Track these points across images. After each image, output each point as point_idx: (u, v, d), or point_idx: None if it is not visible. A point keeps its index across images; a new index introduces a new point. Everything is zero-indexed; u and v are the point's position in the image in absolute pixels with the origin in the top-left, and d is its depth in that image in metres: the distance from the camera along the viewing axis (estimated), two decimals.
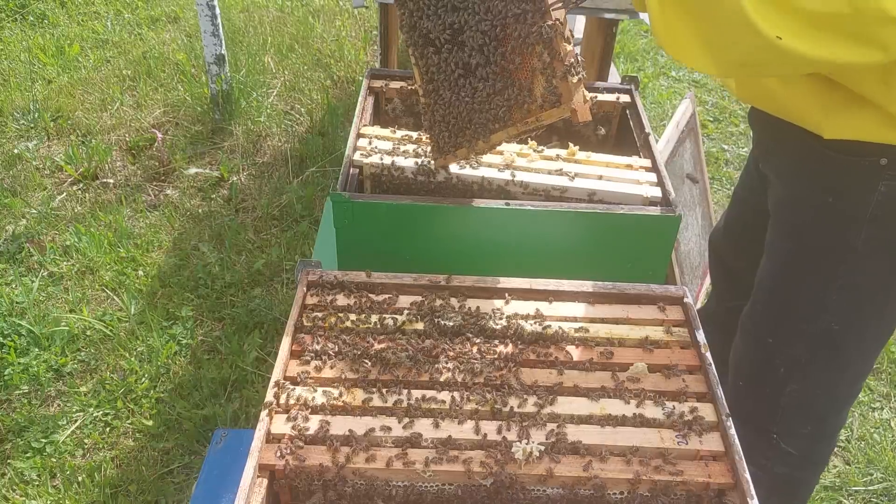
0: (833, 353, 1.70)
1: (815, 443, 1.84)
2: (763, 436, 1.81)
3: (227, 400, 2.63)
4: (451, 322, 1.49)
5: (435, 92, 1.75)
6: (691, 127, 3.06)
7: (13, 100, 4.17)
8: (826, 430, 1.84)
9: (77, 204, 3.51)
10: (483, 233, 1.78)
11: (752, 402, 1.82)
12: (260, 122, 4.04)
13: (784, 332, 1.72)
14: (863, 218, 1.53)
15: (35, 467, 2.41)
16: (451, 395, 1.35)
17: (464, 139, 1.73)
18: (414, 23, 1.74)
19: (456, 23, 1.66)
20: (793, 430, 1.80)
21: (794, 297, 1.69)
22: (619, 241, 1.80)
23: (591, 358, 1.44)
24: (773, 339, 1.74)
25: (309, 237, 3.32)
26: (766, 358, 1.77)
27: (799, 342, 1.70)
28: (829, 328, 1.66)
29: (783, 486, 1.88)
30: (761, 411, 1.81)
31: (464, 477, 1.24)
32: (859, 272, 1.60)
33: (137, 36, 4.91)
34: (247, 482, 1.19)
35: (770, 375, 1.76)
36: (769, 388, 1.78)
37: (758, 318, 1.78)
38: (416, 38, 1.74)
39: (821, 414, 1.79)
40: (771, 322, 1.74)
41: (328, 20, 5.11)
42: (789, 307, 1.71)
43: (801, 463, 1.84)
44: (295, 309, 1.51)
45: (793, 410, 1.78)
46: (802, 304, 1.68)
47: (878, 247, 1.56)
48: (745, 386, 1.84)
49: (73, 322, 2.86)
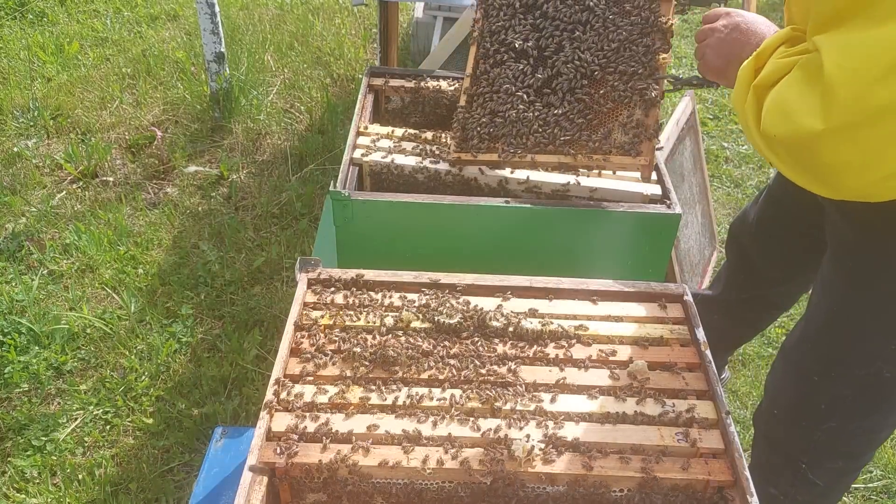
0: (881, 398, 1.66)
1: (843, 476, 1.82)
2: (791, 464, 1.77)
3: (227, 398, 2.63)
4: (451, 320, 1.49)
5: (491, 85, 1.81)
6: (691, 125, 3.06)
7: (13, 98, 4.17)
8: (857, 465, 1.81)
9: (77, 202, 3.51)
10: (483, 231, 1.78)
11: (786, 431, 1.78)
12: (259, 120, 4.03)
13: (833, 374, 1.67)
14: None
15: (35, 465, 2.41)
16: (451, 393, 1.35)
17: (499, 145, 1.78)
18: (496, 30, 1.87)
19: (550, 46, 1.82)
20: (823, 464, 1.76)
21: (850, 343, 1.64)
22: (619, 239, 1.80)
23: (590, 356, 1.45)
24: (819, 377, 1.69)
25: (309, 235, 3.32)
26: (809, 393, 1.71)
27: (847, 385, 1.66)
28: (881, 374, 1.62)
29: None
30: (794, 441, 1.77)
31: (463, 475, 1.24)
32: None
33: (137, 34, 4.91)
34: (247, 480, 1.20)
35: (810, 410, 1.71)
36: (806, 422, 1.73)
37: (806, 354, 1.72)
38: (498, 45, 1.87)
39: (854, 451, 1.76)
40: (820, 362, 1.69)
41: (328, 18, 5.11)
42: (842, 351, 1.65)
43: (823, 494, 1.81)
44: (295, 307, 1.51)
45: (827, 446, 1.73)
46: (858, 350, 1.63)
47: None
48: (781, 415, 1.79)
49: (73, 320, 2.86)
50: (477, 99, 1.85)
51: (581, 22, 1.80)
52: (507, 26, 1.85)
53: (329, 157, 3.78)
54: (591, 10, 1.79)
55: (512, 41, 1.83)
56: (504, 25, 1.85)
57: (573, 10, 1.81)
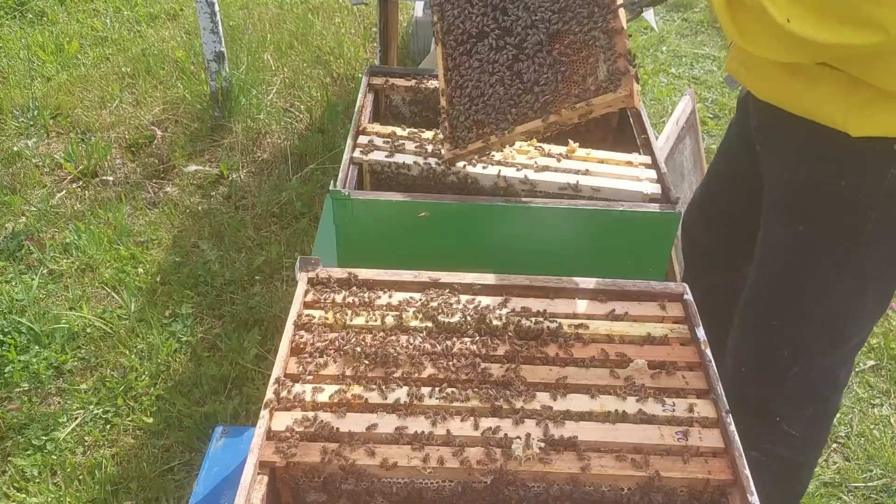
0: (836, 334, 1.74)
1: (817, 423, 1.88)
2: (767, 420, 1.84)
3: (227, 397, 2.63)
4: (451, 319, 1.49)
5: (463, 76, 1.82)
6: (691, 124, 3.06)
7: (12, 97, 4.17)
8: (827, 410, 1.88)
9: (77, 201, 3.51)
10: (483, 230, 1.78)
11: (756, 388, 1.85)
12: (259, 119, 4.03)
13: (791, 315, 1.74)
14: (873, 201, 1.56)
15: (35, 465, 2.41)
16: (451, 392, 1.35)
17: (486, 130, 1.77)
18: (453, 25, 1.86)
19: (507, 20, 1.80)
20: (796, 412, 1.84)
21: (804, 280, 1.71)
22: (620, 238, 1.80)
23: (591, 355, 1.45)
24: (778, 321, 1.76)
25: (309, 234, 3.32)
26: (771, 341, 1.79)
27: (804, 324, 1.73)
28: (835, 310, 1.69)
29: (787, 471, 1.91)
30: (765, 396, 1.84)
31: (463, 474, 1.24)
32: (867, 254, 1.63)
33: (137, 33, 4.90)
34: (247, 479, 1.19)
35: (775, 359, 1.79)
36: (773, 373, 1.81)
37: (764, 301, 1.80)
38: (459, 36, 1.86)
39: (822, 394, 1.83)
40: (779, 305, 1.76)
41: (327, 17, 5.10)
42: (796, 290, 1.73)
43: (803, 444, 1.88)
44: (295, 306, 1.51)
45: (796, 393, 1.81)
46: (811, 287, 1.70)
47: (886, 229, 1.60)
48: (749, 372, 1.86)
49: (73, 319, 2.86)
50: (455, 94, 1.85)
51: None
52: (461, 16, 1.86)
53: (329, 157, 3.78)
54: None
55: (470, 28, 1.84)
56: (458, 16, 1.86)
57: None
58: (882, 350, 2.97)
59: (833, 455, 2.61)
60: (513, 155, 1.91)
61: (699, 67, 4.94)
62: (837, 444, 2.64)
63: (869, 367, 2.92)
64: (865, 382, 2.87)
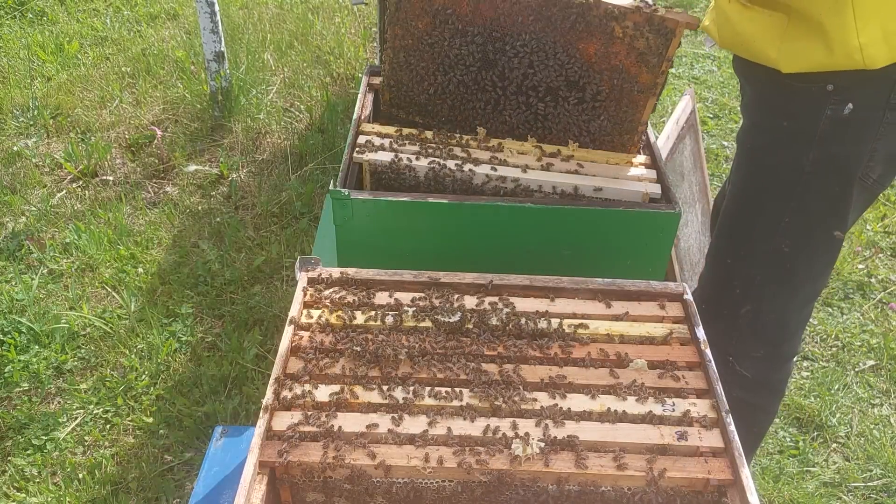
0: (784, 275, 1.82)
1: (769, 368, 1.96)
2: (721, 360, 1.90)
3: (227, 397, 2.63)
4: (451, 319, 1.49)
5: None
6: (691, 123, 3.06)
7: (12, 97, 4.17)
8: (779, 355, 1.96)
9: (77, 201, 3.51)
10: (483, 230, 1.78)
11: (712, 327, 1.91)
12: (259, 119, 4.03)
13: (741, 253, 1.84)
14: (812, 140, 1.66)
15: (35, 464, 2.41)
16: (451, 392, 1.35)
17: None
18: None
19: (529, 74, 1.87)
20: (747, 353, 1.92)
21: (751, 219, 1.81)
22: (619, 238, 1.80)
23: (590, 355, 1.45)
24: (731, 259, 1.87)
25: (308, 234, 3.32)
26: (725, 278, 1.89)
27: (754, 262, 1.83)
28: (781, 249, 1.78)
29: (741, 412, 1.96)
30: (720, 335, 1.90)
31: (463, 473, 1.24)
32: (809, 194, 1.72)
33: (137, 33, 4.90)
34: (247, 479, 1.20)
35: (728, 296, 1.89)
36: (727, 310, 1.90)
37: (719, 241, 1.91)
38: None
39: (773, 338, 1.92)
40: (730, 243, 1.87)
41: (327, 17, 5.10)
42: (746, 228, 1.82)
43: (755, 388, 1.96)
44: (294, 306, 1.51)
45: (747, 332, 1.90)
46: (758, 225, 1.80)
47: (825, 168, 1.68)
48: (706, 310, 1.92)
49: (73, 319, 2.86)
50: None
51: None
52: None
53: (329, 156, 3.78)
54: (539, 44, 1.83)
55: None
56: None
57: (525, 52, 1.85)
58: (882, 350, 2.97)
59: (833, 455, 2.61)
60: (513, 155, 1.91)
61: (699, 67, 4.94)
62: (837, 444, 2.64)
63: (869, 367, 2.93)
64: (865, 382, 2.87)
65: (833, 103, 1.61)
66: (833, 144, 1.66)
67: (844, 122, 1.62)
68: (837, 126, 1.63)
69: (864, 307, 3.18)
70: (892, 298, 3.24)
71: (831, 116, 1.62)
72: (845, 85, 1.59)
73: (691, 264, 2.92)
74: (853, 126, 1.62)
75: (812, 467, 2.55)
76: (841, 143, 1.65)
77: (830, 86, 1.60)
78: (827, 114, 1.62)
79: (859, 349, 3.00)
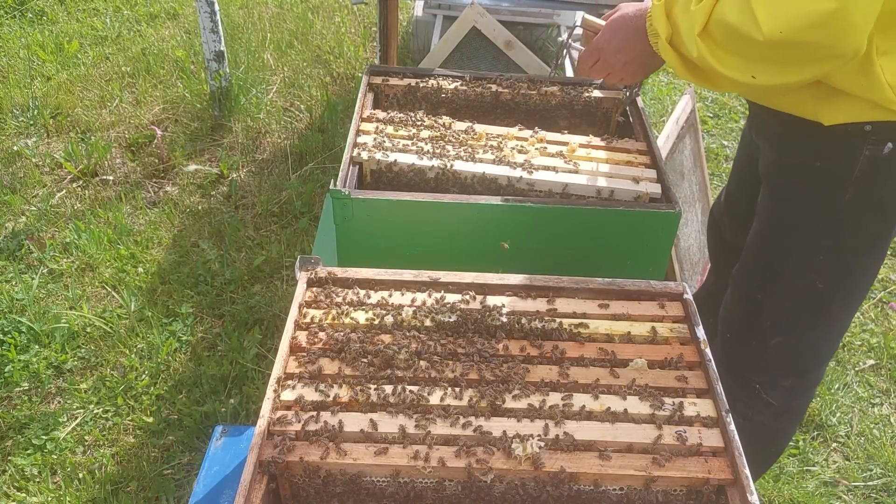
0: (817, 310, 1.78)
1: (794, 395, 1.94)
2: (747, 386, 1.90)
3: (227, 396, 2.63)
4: (451, 318, 1.49)
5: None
6: (691, 123, 3.06)
7: (12, 97, 4.17)
8: (806, 384, 1.93)
9: (76, 201, 3.51)
10: (483, 229, 1.78)
11: (739, 355, 1.91)
12: (259, 118, 4.03)
13: (771, 290, 1.80)
14: (848, 180, 1.61)
15: (35, 464, 2.41)
16: (451, 392, 1.35)
17: None
18: None
19: None
20: (775, 383, 1.89)
21: (782, 256, 1.76)
22: (619, 238, 1.80)
23: (590, 354, 1.45)
24: (761, 295, 1.82)
25: (309, 234, 3.32)
26: (755, 311, 1.85)
27: (786, 298, 1.78)
28: (815, 286, 1.74)
29: (762, 435, 1.97)
30: (747, 363, 1.89)
31: (463, 473, 1.24)
32: (844, 233, 1.68)
33: (136, 33, 4.90)
34: (247, 478, 1.20)
35: (757, 328, 1.85)
36: (755, 341, 1.86)
37: (747, 275, 1.87)
38: None
39: (802, 367, 1.88)
40: (760, 279, 1.82)
41: (327, 16, 5.10)
42: (777, 265, 1.78)
43: (779, 414, 1.93)
44: (295, 306, 1.51)
45: (776, 363, 1.87)
46: (790, 263, 1.75)
47: (861, 208, 1.64)
48: (733, 338, 1.92)
49: (73, 319, 2.86)
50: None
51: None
52: None
53: (329, 156, 3.78)
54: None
55: None
56: None
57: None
58: (882, 349, 2.97)
59: (833, 455, 2.61)
60: (513, 154, 1.91)
61: None
62: (837, 444, 2.64)
63: (869, 367, 2.93)
64: (865, 382, 2.87)
65: (871, 144, 1.56)
66: (871, 185, 1.61)
67: (884, 162, 1.56)
68: (876, 166, 1.58)
69: (865, 307, 3.18)
70: (892, 298, 3.24)
71: (869, 157, 1.57)
72: (884, 125, 1.53)
73: (691, 264, 2.92)
74: (892, 165, 1.57)
75: (812, 466, 2.55)
76: (880, 183, 1.60)
77: (868, 126, 1.54)
78: (865, 154, 1.57)
79: (859, 348, 3.00)
